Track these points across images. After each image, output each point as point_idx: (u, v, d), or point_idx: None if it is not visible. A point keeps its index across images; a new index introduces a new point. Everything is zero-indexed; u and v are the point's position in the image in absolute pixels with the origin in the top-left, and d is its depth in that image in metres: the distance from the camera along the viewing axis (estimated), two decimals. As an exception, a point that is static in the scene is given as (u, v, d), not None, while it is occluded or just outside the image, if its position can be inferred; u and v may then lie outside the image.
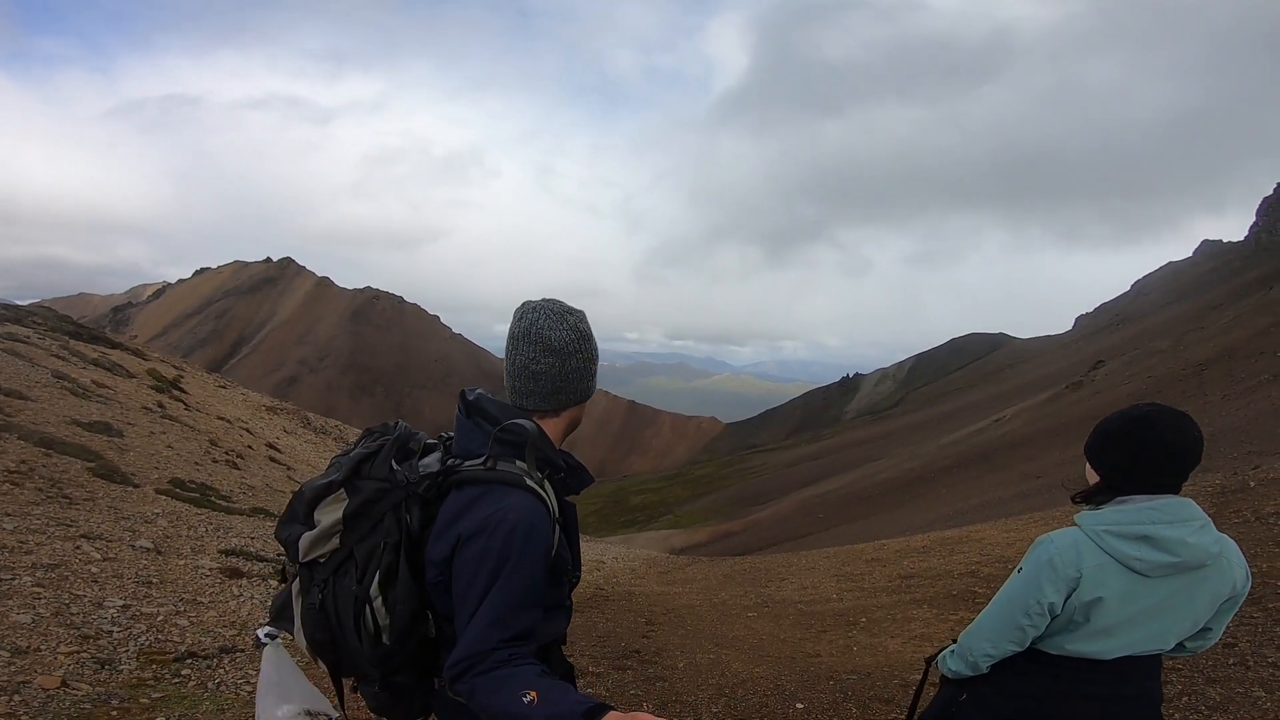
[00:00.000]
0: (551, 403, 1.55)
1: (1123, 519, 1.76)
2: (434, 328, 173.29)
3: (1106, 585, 1.74)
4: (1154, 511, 1.74)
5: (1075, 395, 39.94)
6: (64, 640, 3.46)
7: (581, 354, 1.54)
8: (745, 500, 53.66)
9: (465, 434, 1.52)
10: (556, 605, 1.55)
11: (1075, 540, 1.79)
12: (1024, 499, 20.11)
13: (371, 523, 1.45)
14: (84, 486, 6.31)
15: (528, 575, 1.36)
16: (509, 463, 1.46)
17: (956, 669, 1.98)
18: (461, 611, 1.36)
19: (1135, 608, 1.75)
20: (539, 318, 1.54)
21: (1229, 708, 3.62)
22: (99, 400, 10.44)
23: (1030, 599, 1.78)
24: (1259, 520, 6.93)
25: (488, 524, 1.36)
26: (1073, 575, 1.74)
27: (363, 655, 1.43)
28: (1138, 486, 1.80)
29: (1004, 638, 1.84)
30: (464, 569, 1.37)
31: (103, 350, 15.44)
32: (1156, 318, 61.61)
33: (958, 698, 1.99)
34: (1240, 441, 16.49)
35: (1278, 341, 29.03)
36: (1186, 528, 1.73)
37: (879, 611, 7.06)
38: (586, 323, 1.59)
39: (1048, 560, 1.78)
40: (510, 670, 1.29)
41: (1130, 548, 1.73)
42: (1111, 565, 1.74)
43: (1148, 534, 1.72)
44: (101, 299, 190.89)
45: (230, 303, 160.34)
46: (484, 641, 1.31)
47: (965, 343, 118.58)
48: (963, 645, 1.95)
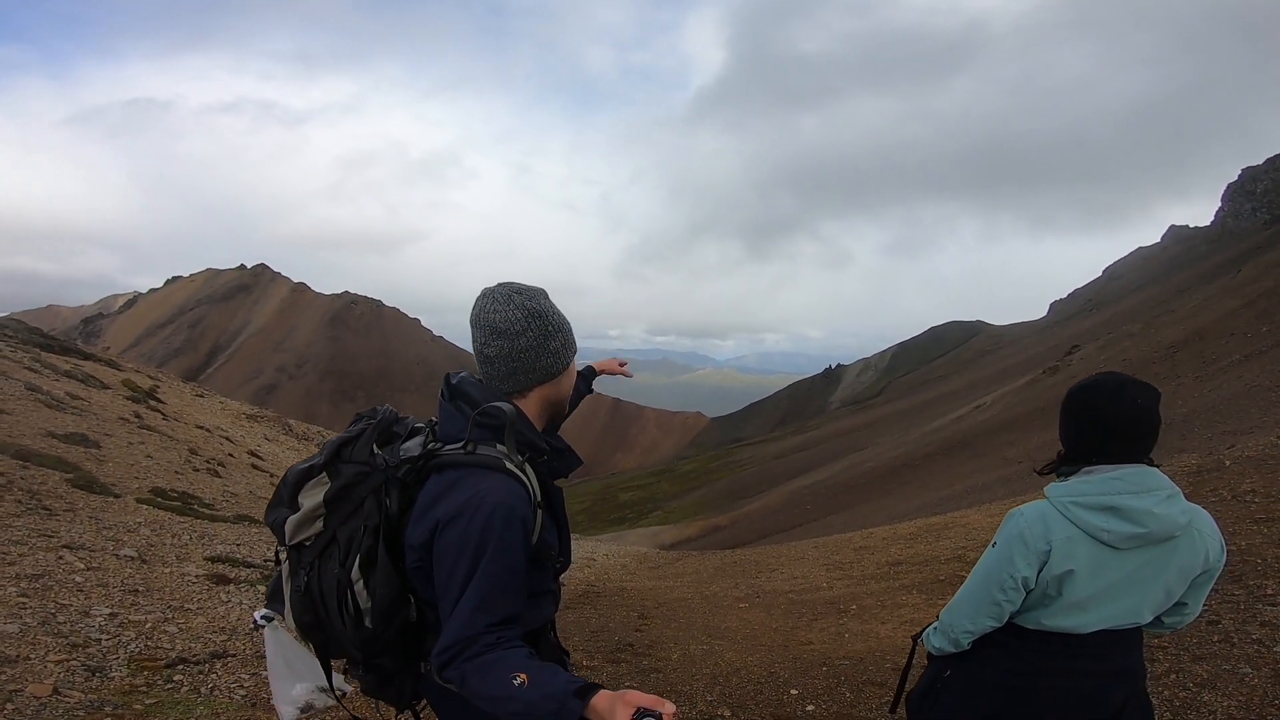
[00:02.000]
0: (512, 384, 1.55)
1: (1088, 489, 1.76)
2: (414, 331, 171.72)
3: (1076, 557, 1.73)
4: (1117, 481, 1.74)
5: (1052, 379, 40.58)
6: (53, 649, 3.41)
7: (530, 332, 1.53)
8: (733, 494, 53.86)
9: (447, 418, 1.53)
10: (543, 590, 1.55)
11: (1043, 512, 1.78)
12: (1006, 483, 20.45)
13: (352, 506, 1.46)
14: (63, 498, 6.20)
15: (509, 559, 1.36)
16: (489, 446, 1.46)
17: (940, 646, 1.99)
18: (445, 598, 1.36)
19: (1106, 580, 1.75)
20: (487, 302, 1.54)
21: (1216, 684, 3.66)
22: (74, 412, 10.23)
23: (1003, 573, 1.77)
24: (1235, 498, 7.00)
25: (466, 508, 1.36)
26: (1042, 548, 1.74)
27: (347, 637, 1.44)
28: (1091, 456, 1.80)
29: (981, 613, 1.84)
30: (444, 554, 1.37)
31: (75, 362, 15.11)
32: (1128, 302, 62.74)
33: (942, 674, 2.00)
34: (1214, 421, 16.86)
35: (1246, 323, 29.72)
36: (1152, 497, 1.72)
37: (869, 599, 7.13)
38: (540, 300, 1.57)
39: (1018, 534, 1.78)
40: (499, 654, 1.30)
41: (1096, 518, 1.72)
42: (1080, 537, 1.74)
43: (1113, 504, 1.71)
44: (71, 310, 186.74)
45: (204, 311, 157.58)
46: (470, 626, 1.31)
47: (944, 331, 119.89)
48: (944, 622, 1.96)
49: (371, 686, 1.57)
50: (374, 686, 1.57)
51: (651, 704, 1.15)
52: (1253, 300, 32.70)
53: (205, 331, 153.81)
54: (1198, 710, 3.45)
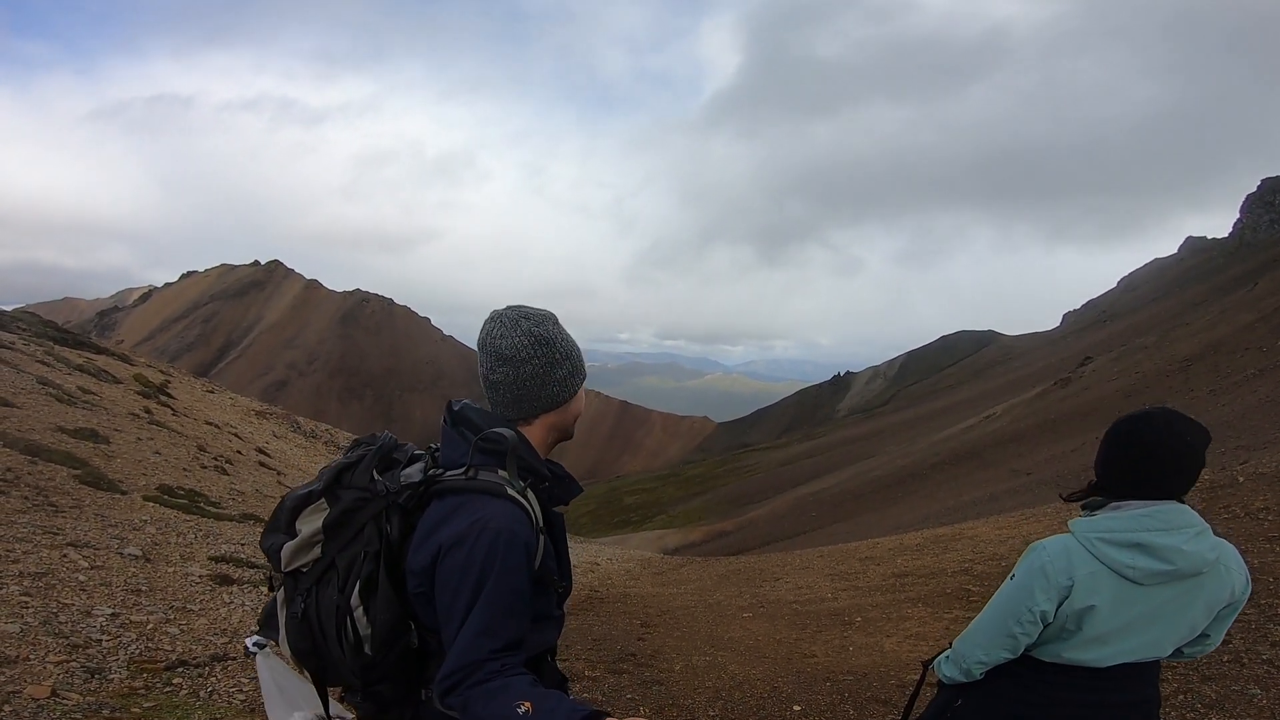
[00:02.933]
0: (517, 410, 1.53)
1: (1116, 525, 1.73)
2: (425, 330, 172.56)
3: (1099, 593, 1.71)
4: (1147, 519, 1.71)
5: (1063, 391, 40.27)
6: (53, 649, 3.41)
7: (536, 360, 1.50)
8: (739, 499, 53.73)
9: (449, 443, 1.51)
10: (545, 615, 1.53)
11: (1067, 547, 1.76)
12: (1014, 495, 20.26)
13: (352, 532, 1.44)
14: (70, 494, 6.23)
15: (512, 583, 1.35)
16: (490, 472, 1.44)
17: (951, 675, 1.96)
18: (448, 624, 1.35)
19: (1129, 615, 1.73)
20: (494, 327, 1.52)
21: (1225, 705, 3.63)
22: (85, 406, 10.31)
23: (1022, 606, 1.76)
24: (1248, 515, 6.95)
25: (468, 533, 1.35)
26: (1064, 583, 1.72)
27: (345, 665, 1.42)
28: (1126, 489, 1.77)
29: (996, 645, 1.82)
30: (447, 580, 1.36)
31: (88, 356, 15.25)
32: (1143, 314, 62.24)
33: (953, 703, 1.97)
34: (1227, 436, 16.65)
35: (1262, 337, 29.39)
36: (1181, 535, 1.70)
37: (874, 611, 7.06)
38: (549, 326, 1.54)
39: (1039, 567, 1.75)
40: (503, 681, 1.28)
41: (1123, 555, 1.70)
42: (1104, 573, 1.71)
43: (1141, 541, 1.69)
44: (87, 303, 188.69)
45: (217, 306, 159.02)
46: (474, 652, 1.30)
47: (955, 340, 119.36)
48: (957, 651, 1.94)
49: (370, 715, 1.55)
50: (372, 715, 1.54)
51: None
52: (1268, 315, 32.34)
53: (218, 327, 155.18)
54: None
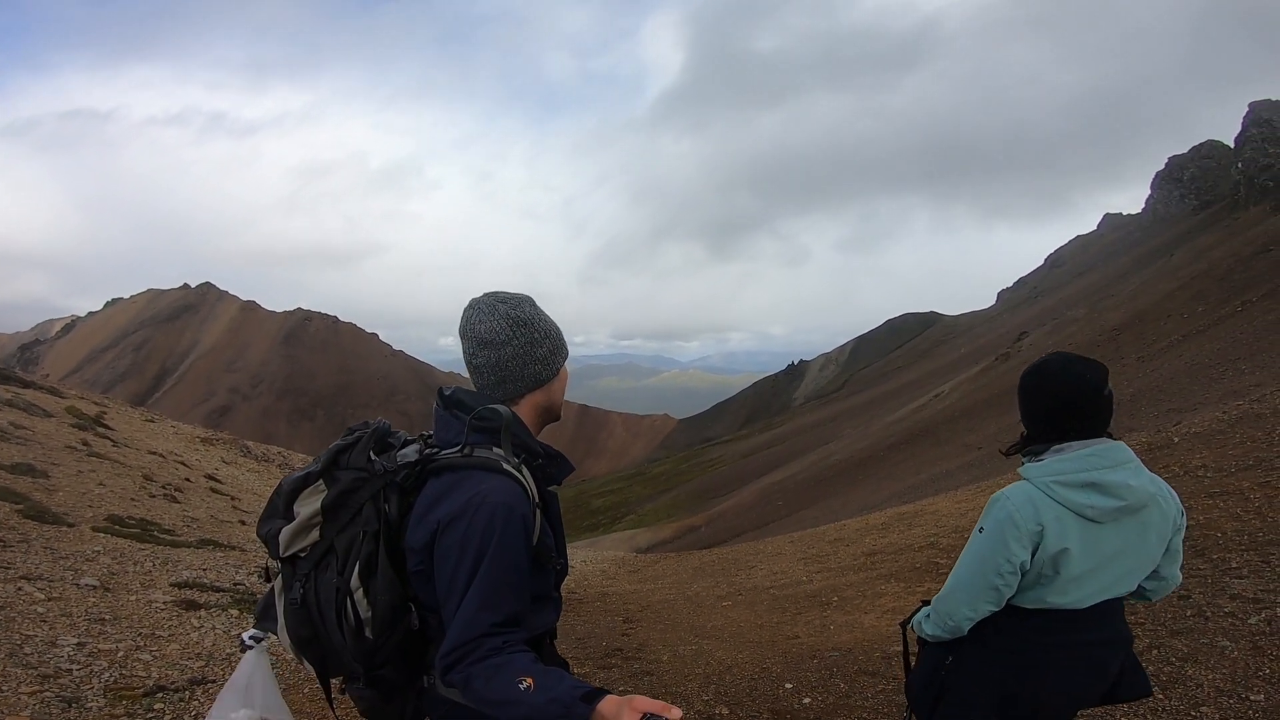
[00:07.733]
0: (502, 392, 1.57)
1: (1066, 467, 1.79)
2: (373, 346, 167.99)
3: (1068, 535, 1.77)
4: (1094, 457, 1.79)
5: (1004, 366, 41.87)
6: (24, 680, 3.28)
7: (515, 341, 1.55)
8: (706, 493, 54.10)
9: (443, 425, 1.54)
10: (544, 595, 1.54)
11: (1029, 494, 1.81)
12: (968, 469, 20.98)
13: (350, 513, 1.44)
14: (15, 529, 5.88)
15: (512, 556, 1.37)
16: (486, 449, 1.47)
17: (934, 633, 1.99)
18: (449, 599, 1.36)
19: (1098, 554, 1.79)
20: (472, 313, 1.57)
21: (1198, 658, 3.70)
22: (18, 442, 9.72)
23: (1000, 558, 1.79)
24: (1188, 473, 7.22)
25: (467, 508, 1.37)
26: (1034, 529, 1.77)
27: (346, 650, 1.41)
28: (1054, 435, 1.86)
29: (981, 599, 1.84)
30: (446, 555, 1.36)
31: (15, 390, 14.36)
32: (1071, 288, 65.00)
33: (944, 661, 1.98)
34: (1159, 399, 17.60)
35: (1182, 304, 31.18)
36: (1126, 470, 1.78)
37: (849, 590, 7.22)
38: (525, 308, 1.59)
39: (1007, 516, 1.79)
40: (505, 658, 1.29)
41: (1079, 495, 1.76)
42: (1067, 515, 1.77)
43: (1093, 480, 1.76)
44: (7, 337, 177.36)
45: (148, 333, 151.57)
46: (475, 626, 1.30)
47: (901, 323, 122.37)
48: (938, 610, 1.95)
49: (373, 705, 1.52)
50: (375, 704, 1.52)
51: (659, 709, 1.14)
52: (1187, 282, 34.34)
53: (151, 354, 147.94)
54: (1184, 684, 3.50)
